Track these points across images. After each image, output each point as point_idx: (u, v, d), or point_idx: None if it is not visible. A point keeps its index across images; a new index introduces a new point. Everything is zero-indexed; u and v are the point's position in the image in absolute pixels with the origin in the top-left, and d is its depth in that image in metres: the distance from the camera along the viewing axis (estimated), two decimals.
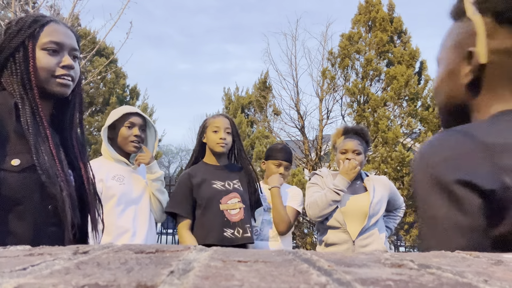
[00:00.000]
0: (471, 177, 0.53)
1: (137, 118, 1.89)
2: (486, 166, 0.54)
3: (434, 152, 0.59)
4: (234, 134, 2.03)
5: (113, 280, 0.21)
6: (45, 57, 1.02)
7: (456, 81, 0.68)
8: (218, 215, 1.85)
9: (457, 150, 0.57)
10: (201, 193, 1.88)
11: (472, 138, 0.57)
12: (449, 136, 0.60)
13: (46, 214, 0.98)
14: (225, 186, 1.93)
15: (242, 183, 1.99)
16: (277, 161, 2.28)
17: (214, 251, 0.32)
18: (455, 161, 0.56)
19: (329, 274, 0.24)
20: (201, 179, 1.91)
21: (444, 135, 0.61)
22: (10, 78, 1.00)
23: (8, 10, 5.06)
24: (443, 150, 0.58)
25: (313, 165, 8.19)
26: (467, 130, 0.59)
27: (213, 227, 1.84)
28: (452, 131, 0.61)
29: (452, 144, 0.58)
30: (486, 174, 0.53)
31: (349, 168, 2.00)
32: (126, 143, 1.86)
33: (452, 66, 0.69)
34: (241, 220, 1.88)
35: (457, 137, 0.59)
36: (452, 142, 0.58)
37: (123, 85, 9.92)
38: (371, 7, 8.13)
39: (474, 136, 0.58)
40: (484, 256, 0.32)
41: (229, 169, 2.01)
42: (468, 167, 0.54)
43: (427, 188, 0.57)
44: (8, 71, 1.01)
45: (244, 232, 1.87)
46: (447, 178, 0.55)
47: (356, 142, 2.08)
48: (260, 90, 9.67)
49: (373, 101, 7.47)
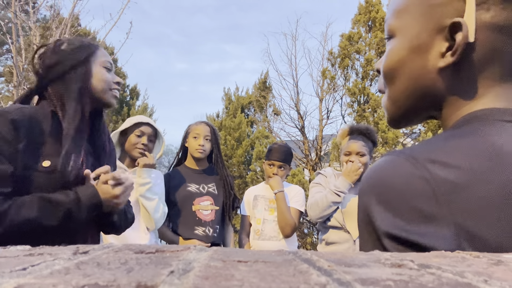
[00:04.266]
0: (406, 232, 0.41)
1: (148, 128, 1.97)
2: (435, 212, 0.40)
3: (368, 187, 0.46)
4: (213, 141, 2.18)
5: (113, 280, 0.21)
6: (104, 72, 1.20)
7: (425, 62, 0.51)
8: (190, 214, 2.06)
9: (393, 188, 0.43)
10: (176, 194, 2.08)
11: (417, 168, 0.43)
12: (390, 166, 0.45)
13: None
14: (199, 189, 2.12)
15: (218, 187, 2.16)
16: (269, 161, 2.29)
17: (214, 251, 0.32)
18: (388, 205, 0.43)
19: (329, 274, 0.24)
20: (179, 181, 2.11)
21: (385, 163, 0.46)
22: (65, 87, 1.13)
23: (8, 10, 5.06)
24: (376, 186, 0.45)
25: (313, 165, 8.19)
26: (415, 155, 0.44)
27: (186, 225, 2.04)
28: (396, 156, 0.46)
29: (389, 179, 0.44)
30: (436, 228, 0.40)
31: (352, 170, 1.99)
32: (132, 149, 1.95)
33: (420, 40, 0.51)
34: (212, 220, 2.07)
35: (398, 167, 0.44)
36: (390, 176, 0.44)
37: (123, 85, 9.92)
38: (371, 7, 8.13)
39: (422, 164, 0.43)
40: (484, 256, 0.32)
41: (207, 173, 2.19)
42: (410, 217, 0.41)
43: (361, 223, 0.47)
44: (66, 82, 1.14)
45: (214, 232, 2.07)
46: (378, 227, 0.43)
47: (360, 143, 2.06)
48: (260, 90, 9.67)
49: (373, 101, 7.47)
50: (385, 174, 0.45)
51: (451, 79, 0.50)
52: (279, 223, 2.18)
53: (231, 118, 9.57)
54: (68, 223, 1.03)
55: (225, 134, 9.14)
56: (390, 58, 0.54)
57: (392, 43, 0.55)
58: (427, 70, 0.51)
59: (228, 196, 2.15)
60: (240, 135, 9.22)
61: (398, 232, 0.41)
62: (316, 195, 2.06)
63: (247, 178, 8.27)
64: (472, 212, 0.39)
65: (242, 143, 9.07)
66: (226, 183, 2.16)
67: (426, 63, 0.51)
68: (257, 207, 2.31)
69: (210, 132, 2.16)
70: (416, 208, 0.41)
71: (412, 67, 0.52)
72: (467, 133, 0.46)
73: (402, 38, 0.53)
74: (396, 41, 0.54)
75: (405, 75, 0.53)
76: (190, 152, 2.17)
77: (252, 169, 8.09)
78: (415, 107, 0.54)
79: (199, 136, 2.13)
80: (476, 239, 0.39)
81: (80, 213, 1.04)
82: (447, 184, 0.41)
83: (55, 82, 1.14)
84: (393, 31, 0.55)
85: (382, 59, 0.57)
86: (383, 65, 0.56)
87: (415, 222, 0.41)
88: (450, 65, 0.49)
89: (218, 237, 2.09)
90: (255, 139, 8.87)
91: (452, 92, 0.51)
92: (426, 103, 0.53)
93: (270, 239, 2.22)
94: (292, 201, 2.24)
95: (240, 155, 8.91)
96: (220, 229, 2.12)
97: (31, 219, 0.96)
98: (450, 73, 0.50)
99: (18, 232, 0.96)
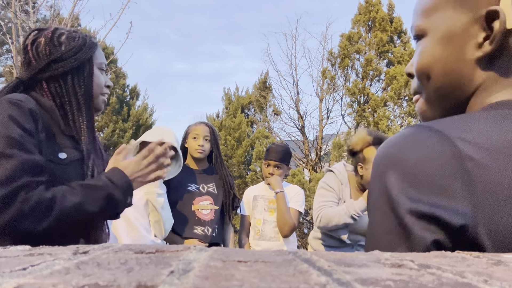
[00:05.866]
0: (431, 208, 0.40)
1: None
2: (458, 189, 0.40)
3: (389, 163, 0.44)
4: (212, 141, 2.19)
5: (113, 280, 0.21)
6: (99, 75, 1.13)
7: (461, 55, 0.50)
8: (189, 214, 2.07)
9: (418, 163, 0.42)
10: (176, 194, 2.09)
11: (444, 143, 0.42)
12: (414, 139, 0.44)
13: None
14: (199, 189, 2.13)
15: (218, 187, 2.17)
16: (266, 161, 2.30)
17: (214, 251, 0.32)
18: (413, 180, 0.42)
19: (329, 274, 0.24)
20: (179, 181, 2.10)
21: (408, 136, 0.45)
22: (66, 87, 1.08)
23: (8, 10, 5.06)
24: (400, 161, 0.43)
25: (313, 165, 8.20)
26: (442, 129, 0.44)
27: (185, 224, 2.06)
28: (420, 129, 0.45)
29: (414, 154, 0.43)
30: (456, 203, 0.40)
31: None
32: None
33: (455, 33, 0.50)
34: (211, 220, 2.08)
35: (424, 141, 0.43)
36: (414, 150, 0.43)
37: (123, 85, 9.92)
38: (371, 7, 8.13)
39: (449, 139, 0.42)
40: (484, 256, 0.32)
41: (206, 173, 2.20)
42: (430, 191, 0.41)
43: (377, 203, 0.45)
44: (69, 81, 1.08)
45: (213, 231, 2.07)
46: (398, 204, 0.42)
47: None
48: (260, 90, 9.67)
49: (373, 101, 7.47)
50: (408, 147, 0.44)
51: (487, 68, 0.49)
52: (278, 223, 2.19)
53: (231, 118, 9.58)
54: (109, 208, 0.98)
55: (225, 134, 9.15)
56: (424, 56, 0.54)
57: (423, 42, 0.54)
58: (464, 62, 0.50)
59: (227, 195, 2.16)
60: (240, 135, 9.22)
61: (422, 208, 0.40)
62: (329, 210, 1.95)
63: (247, 178, 8.28)
64: (494, 194, 0.40)
65: (242, 143, 9.07)
66: (226, 182, 2.17)
67: (463, 56, 0.50)
68: (256, 208, 2.31)
69: (210, 133, 2.18)
70: (441, 184, 0.41)
71: (448, 62, 0.51)
72: (496, 117, 0.45)
73: (434, 36, 0.52)
74: (427, 40, 0.53)
75: (441, 71, 0.52)
76: (190, 153, 2.18)
77: (252, 169, 8.09)
78: (449, 104, 0.54)
79: (199, 136, 2.15)
80: (493, 222, 0.39)
81: (119, 196, 1.00)
82: (475, 164, 0.40)
83: (54, 79, 1.07)
84: (423, 30, 0.54)
85: (414, 61, 0.56)
86: (416, 66, 0.55)
87: (438, 197, 0.40)
88: (487, 55, 0.49)
89: (217, 237, 2.10)
90: (255, 139, 8.88)
91: (486, 81, 0.50)
92: (459, 98, 0.52)
93: (270, 239, 2.23)
94: (292, 202, 2.24)
95: (240, 155, 8.91)
96: (219, 229, 2.13)
97: (77, 205, 0.92)
98: (486, 62, 0.49)
99: (67, 221, 0.91)
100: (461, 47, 0.50)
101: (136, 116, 9.65)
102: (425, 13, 0.54)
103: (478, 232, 0.39)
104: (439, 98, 0.54)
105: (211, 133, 2.18)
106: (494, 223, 0.39)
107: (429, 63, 0.53)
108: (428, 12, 0.54)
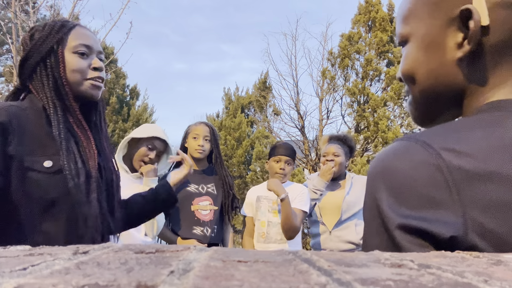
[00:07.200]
0: (419, 222, 0.40)
1: (161, 144, 1.95)
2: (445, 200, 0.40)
3: (378, 178, 0.44)
4: (212, 141, 2.20)
5: (113, 280, 0.21)
6: (76, 60, 1.03)
7: (442, 58, 0.50)
8: (189, 214, 2.07)
9: (405, 177, 0.42)
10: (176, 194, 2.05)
11: (430, 156, 0.42)
12: (400, 152, 0.44)
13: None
14: (198, 189, 2.13)
15: (217, 187, 2.18)
16: (276, 157, 2.27)
17: (214, 251, 0.32)
18: (400, 194, 0.42)
19: (329, 274, 0.24)
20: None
21: (396, 149, 0.45)
22: (41, 83, 1.01)
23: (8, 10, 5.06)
24: (387, 175, 0.43)
25: (313, 165, 8.19)
26: (428, 140, 0.43)
27: (184, 224, 2.06)
28: (407, 141, 0.45)
29: (401, 167, 0.43)
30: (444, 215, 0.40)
31: (325, 170, 2.25)
32: (139, 159, 1.93)
33: (433, 36, 0.50)
34: (210, 220, 2.09)
35: (410, 154, 0.43)
36: (401, 163, 0.43)
37: (123, 85, 9.93)
38: (371, 7, 8.13)
39: (435, 150, 0.42)
40: (484, 256, 0.32)
41: (206, 174, 2.20)
42: (417, 204, 0.41)
43: (369, 214, 0.45)
44: (38, 76, 1.01)
45: (212, 232, 2.08)
46: (388, 219, 0.42)
47: (336, 146, 2.34)
48: (260, 90, 9.67)
49: (373, 101, 7.47)
50: (396, 161, 0.44)
51: (470, 68, 0.49)
52: (282, 227, 2.16)
53: (231, 118, 9.58)
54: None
55: (225, 134, 9.15)
56: (406, 62, 0.54)
57: (407, 48, 0.55)
58: (445, 64, 0.50)
59: (227, 196, 2.16)
60: (240, 135, 9.22)
61: (410, 223, 0.40)
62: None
63: (247, 178, 8.27)
64: (484, 204, 0.39)
65: (242, 143, 9.07)
66: (225, 183, 2.17)
67: (443, 58, 0.50)
68: (260, 209, 2.27)
69: (210, 133, 2.18)
70: (428, 196, 0.40)
71: (430, 65, 0.51)
72: (484, 123, 0.44)
73: (415, 41, 0.53)
74: (410, 45, 0.54)
75: (425, 74, 0.52)
76: (190, 153, 2.18)
77: (252, 169, 8.09)
78: (436, 106, 0.54)
79: (199, 136, 2.15)
80: (486, 231, 0.39)
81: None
82: (461, 173, 0.40)
83: (32, 77, 1.02)
84: (405, 36, 0.55)
85: (400, 66, 0.57)
86: (401, 71, 0.56)
87: (426, 210, 0.40)
88: (468, 54, 0.48)
89: (216, 237, 2.11)
90: (255, 139, 8.88)
91: (471, 82, 0.49)
92: (447, 100, 0.52)
93: (275, 242, 2.19)
94: (296, 201, 2.20)
95: (240, 155, 8.91)
96: (218, 229, 2.13)
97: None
98: (469, 62, 0.49)
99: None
100: (441, 49, 0.50)
101: (136, 116, 9.65)
102: (405, 20, 0.55)
103: (469, 240, 0.39)
104: (425, 100, 0.54)
105: (211, 133, 2.18)
106: (486, 231, 0.39)
107: (412, 68, 0.53)
108: (407, 19, 0.54)
